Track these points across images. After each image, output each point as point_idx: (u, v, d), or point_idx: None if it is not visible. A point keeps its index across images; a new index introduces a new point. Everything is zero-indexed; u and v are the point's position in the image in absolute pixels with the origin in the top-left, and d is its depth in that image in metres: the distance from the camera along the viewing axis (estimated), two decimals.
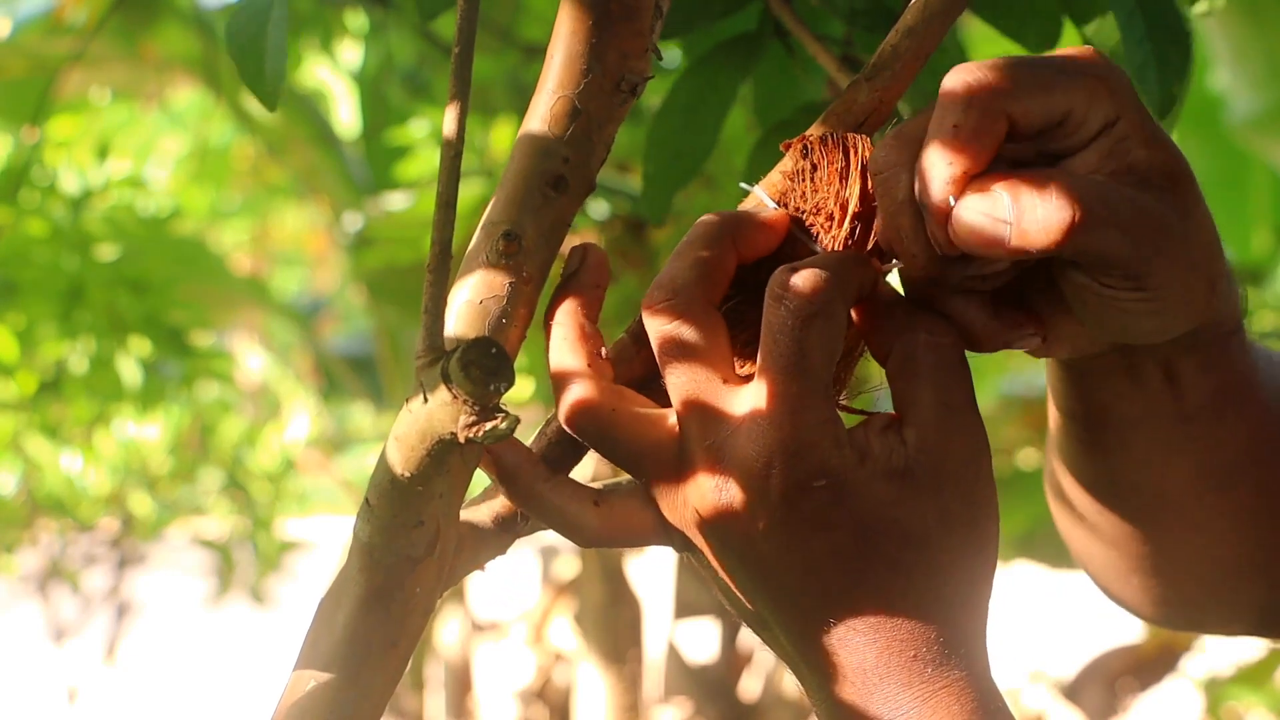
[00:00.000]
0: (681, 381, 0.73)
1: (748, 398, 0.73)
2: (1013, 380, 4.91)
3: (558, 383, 0.75)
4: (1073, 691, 5.16)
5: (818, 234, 0.75)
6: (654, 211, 1.03)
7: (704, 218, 0.75)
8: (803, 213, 0.75)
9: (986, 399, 4.75)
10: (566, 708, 4.61)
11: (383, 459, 0.69)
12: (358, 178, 4.51)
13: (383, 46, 3.95)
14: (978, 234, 0.71)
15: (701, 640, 4.70)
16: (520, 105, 3.37)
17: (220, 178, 5.95)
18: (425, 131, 3.65)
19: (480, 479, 0.74)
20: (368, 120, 4.60)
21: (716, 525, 0.73)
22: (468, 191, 3.66)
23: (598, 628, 4.20)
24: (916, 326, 0.74)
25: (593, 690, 4.19)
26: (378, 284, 4.35)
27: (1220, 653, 5.30)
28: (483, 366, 0.63)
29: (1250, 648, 5.26)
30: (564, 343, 0.75)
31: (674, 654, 4.60)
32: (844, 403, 0.76)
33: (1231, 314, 0.83)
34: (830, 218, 0.74)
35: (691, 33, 1.05)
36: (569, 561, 4.66)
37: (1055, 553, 4.33)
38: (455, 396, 0.63)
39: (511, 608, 4.97)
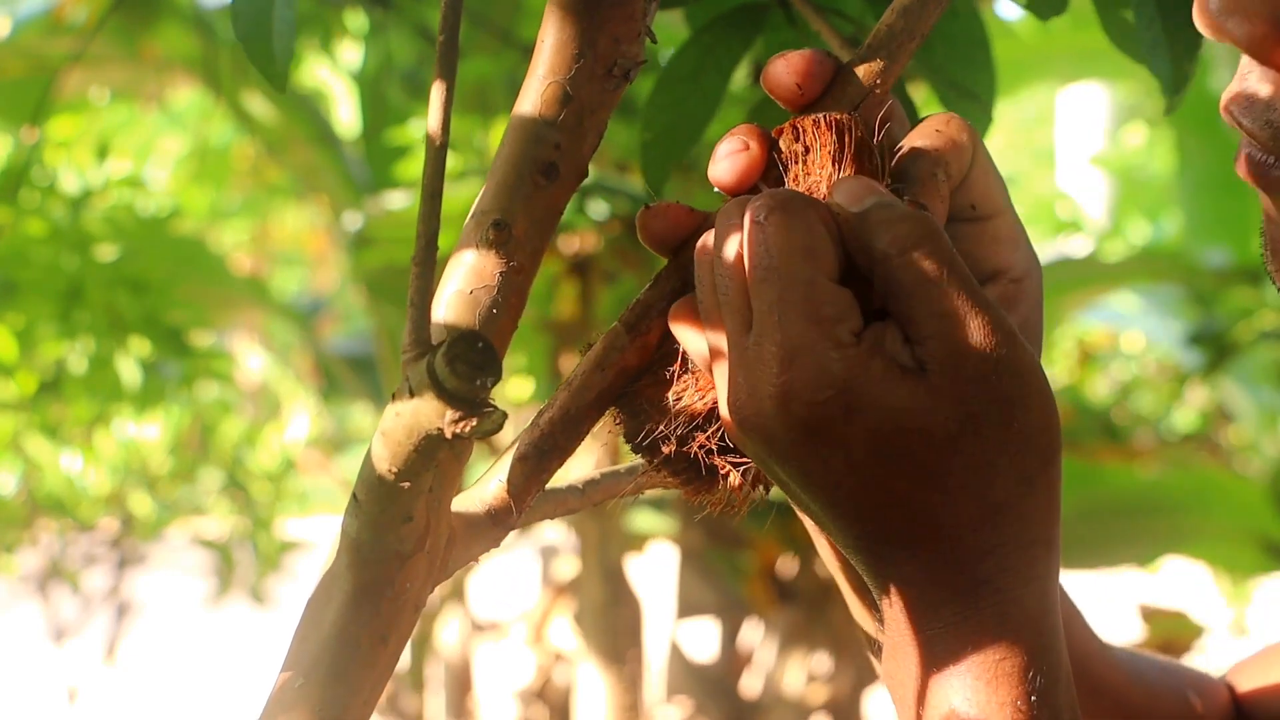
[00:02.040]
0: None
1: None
2: None
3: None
4: None
5: None
6: (652, 180, 1.01)
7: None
8: None
9: None
10: (566, 708, 4.60)
11: (369, 455, 0.69)
12: (358, 178, 4.51)
13: (383, 46, 3.94)
14: None
15: (702, 640, 4.71)
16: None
17: (220, 178, 5.95)
18: (425, 131, 3.65)
19: (473, 470, 0.73)
20: (368, 120, 4.60)
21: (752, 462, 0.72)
22: (467, 191, 3.66)
23: (598, 628, 4.19)
24: (885, 249, 0.70)
25: (593, 690, 4.18)
26: (378, 284, 4.34)
27: (1220, 653, 5.30)
28: (469, 361, 0.62)
29: (1250, 648, 5.25)
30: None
31: (674, 654, 4.60)
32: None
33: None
34: (824, 199, 0.72)
35: (695, 3, 1.03)
36: (569, 561, 4.66)
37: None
38: (441, 392, 0.63)
39: (511, 608, 4.97)
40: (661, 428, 0.74)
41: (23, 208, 3.25)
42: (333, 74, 5.01)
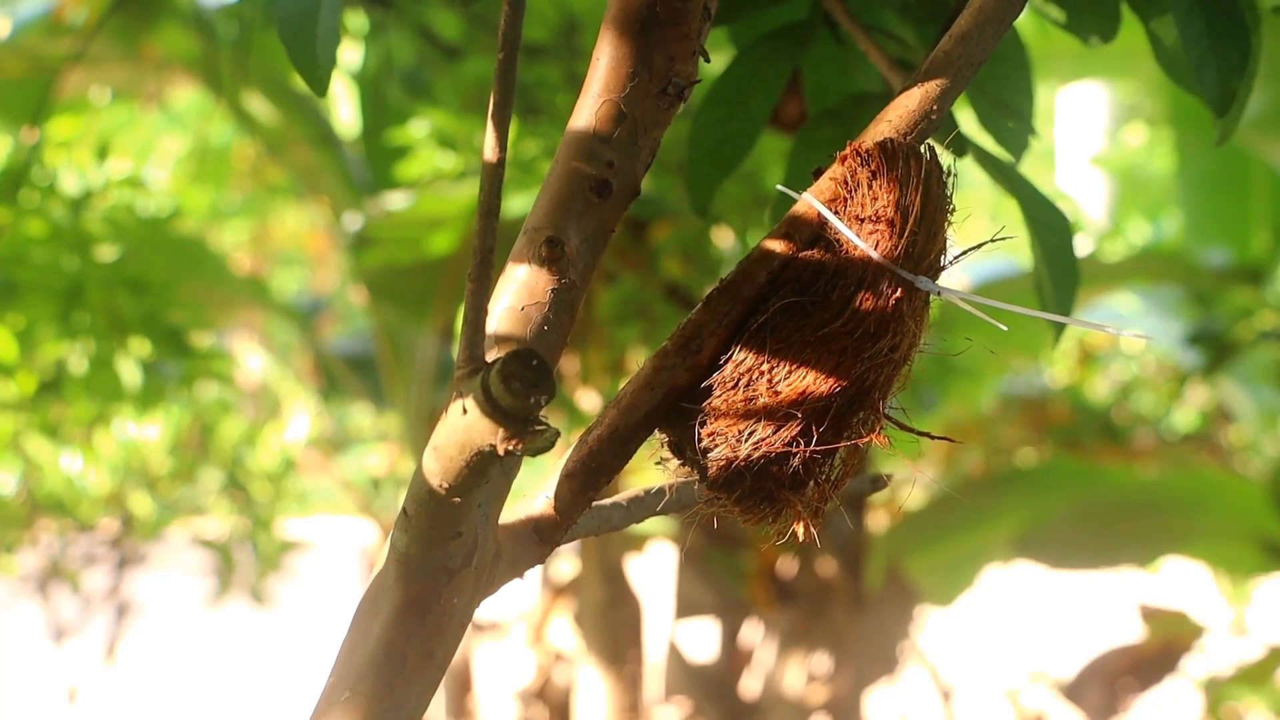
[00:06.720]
0: None
1: None
2: (1013, 381, 4.91)
3: None
4: (1073, 691, 5.16)
5: (877, 243, 0.72)
6: (697, 201, 1.01)
7: None
8: (862, 220, 0.72)
9: (986, 399, 4.75)
10: (566, 708, 4.61)
11: (420, 470, 0.68)
12: (358, 178, 4.51)
13: (383, 46, 3.94)
14: None
15: (701, 640, 4.71)
16: (520, 105, 3.37)
17: (220, 178, 5.95)
18: (425, 131, 3.65)
19: (519, 486, 0.73)
20: (368, 120, 4.60)
21: None
22: (469, 191, 3.65)
23: (598, 628, 4.20)
24: None
25: (593, 690, 4.19)
26: (378, 284, 4.34)
27: (1220, 653, 5.31)
28: (523, 379, 0.61)
29: (1250, 648, 5.26)
30: None
31: (674, 654, 4.60)
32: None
33: None
34: (890, 224, 0.72)
35: (740, 21, 1.02)
36: (569, 562, 4.66)
37: (1055, 553, 4.33)
38: (495, 409, 0.62)
39: (511, 608, 4.97)
40: (741, 463, 0.73)
41: (23, 208, 3.24)
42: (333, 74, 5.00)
